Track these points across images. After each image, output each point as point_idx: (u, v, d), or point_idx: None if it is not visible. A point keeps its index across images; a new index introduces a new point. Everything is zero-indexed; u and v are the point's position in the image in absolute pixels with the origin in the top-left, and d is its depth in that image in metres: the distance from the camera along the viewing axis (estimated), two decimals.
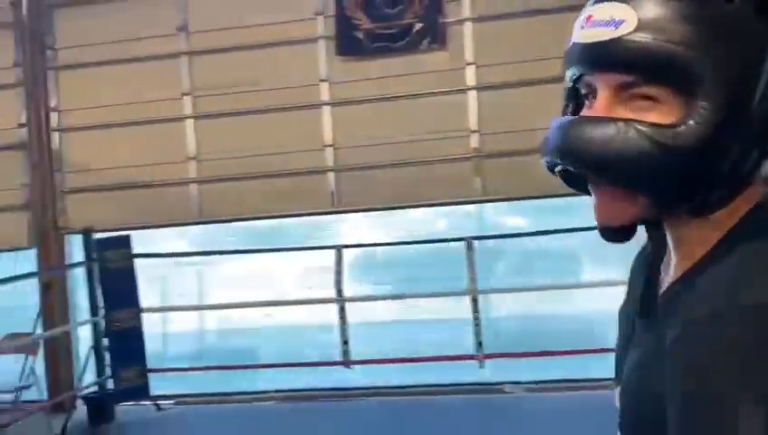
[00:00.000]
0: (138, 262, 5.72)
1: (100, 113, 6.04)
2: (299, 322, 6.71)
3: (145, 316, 5.75)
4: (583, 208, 0.85)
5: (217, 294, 7.34)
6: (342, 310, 5.20)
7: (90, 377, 5.79)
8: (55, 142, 6.15)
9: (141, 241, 5.99)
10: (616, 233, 0.74)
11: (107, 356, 5.68)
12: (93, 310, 5.79)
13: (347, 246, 5.41)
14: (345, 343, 5.18)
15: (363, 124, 5.83)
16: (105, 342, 5.65)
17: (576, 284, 6.30)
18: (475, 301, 5.25)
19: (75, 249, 6.20)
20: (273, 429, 5.13)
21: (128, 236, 5.63)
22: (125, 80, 6.01)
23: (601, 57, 0.71)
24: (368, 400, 5.47)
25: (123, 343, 5.51)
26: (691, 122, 0.67)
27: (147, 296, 5.92)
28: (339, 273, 5.17)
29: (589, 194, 0.75)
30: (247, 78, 5.86)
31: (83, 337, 6.21)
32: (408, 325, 6.47)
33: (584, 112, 0.74)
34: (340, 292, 5.20)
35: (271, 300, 6.26)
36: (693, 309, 0.68)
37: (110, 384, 5.68)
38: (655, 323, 0.76)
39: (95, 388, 5.75)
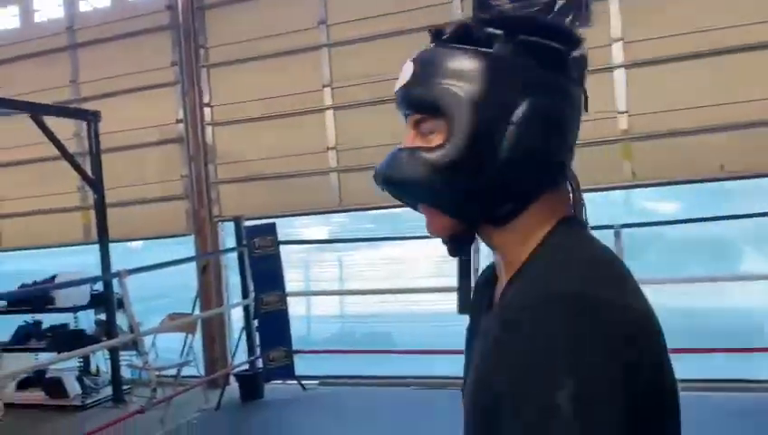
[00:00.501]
0: (283, 248, 5.99)
1: (248, 107, 6.36)
2: (436, 309, 6.70)
3: (289, 300, 6.01)
4: (743, 193, 0.75)
5: (357, 280, 7.52)
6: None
7: (241, 356, 6.16)
8: (209, 136, 6.57)
9: (285, 228, 6.25)
10: (451, 245, 0.87)
11: (256, 337, 6.01)
12: (244, 293, 6.14)
13: None
14: None
15: None
16: (255, 323, 5.97)
17: (736, 275, 5.74)
18: None
19: (228, 236, 6.63)
20: (410, 413, 5.18)
21: (273, 224, 5.90)
22: (269, 74, 6.28)
23: (398, 101, 0.87)
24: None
25: (271, 324, 5.79)
26: (447, 146, 0.80)
27: (291, 281, 6.19)
28: (478, 261, 5.05)
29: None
30: (385, 67, 5.90)
31: (235, 318, 6.63)
32: None
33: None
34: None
35: (409, 287, 6.26)
36: (509, 305, 0.77)
37: (260, 363, 6.01)
38: (479, 329, 0.86)
39: (246, 366, 6.10)
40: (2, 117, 7.30)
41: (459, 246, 0.87)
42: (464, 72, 0.81)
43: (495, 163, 0.79)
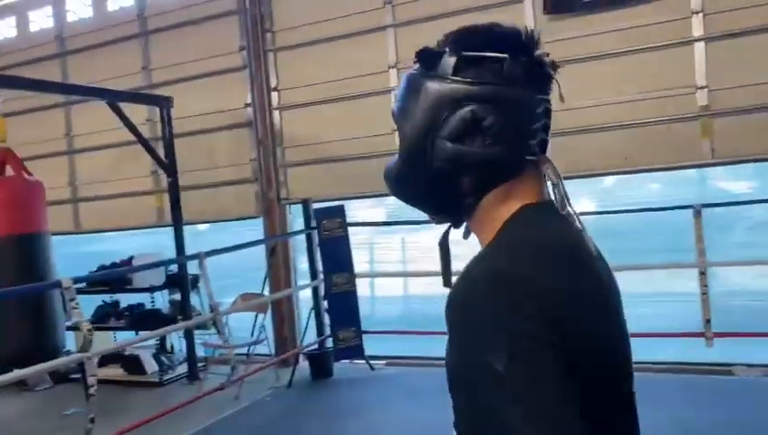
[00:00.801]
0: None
1: (314, 90, 6.41)
2: None
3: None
4: None
5: (419, 262, 7.52)
6: None
7: (310, 335, 6.27)
8: (276, 120, 6.66)
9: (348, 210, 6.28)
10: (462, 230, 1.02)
11: (325, 317, 6.10)
12: (313, 274, 6.23)
13: None
14: None
15: (571, 86, 5.52)
16: (324, 304, 6.06)
17: None
18: (702, 274, 4.79)
19: (294, 218, 6.72)
20: None
21: (342, 206, 5.95)
22: (335, 56, 6.30)
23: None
24: None
25: (340, 305, 5.87)
26: (398, 159, 0.98)
27: (356, 263, 6.24)
28: None
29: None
30: None
31: (303, 298, 6.74)
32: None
33: None
34: None
35: None
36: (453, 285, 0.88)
37: (329, 343, 6.10)
38: None
39: (315, 346, 6.21)
40: (79, 104, 7.60)
41: (467, 230, 1.01)
42: (409, 101, 0.96)
43: (429, 172, 0.94)
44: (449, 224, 1.01)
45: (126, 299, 7.00)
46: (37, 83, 5.50)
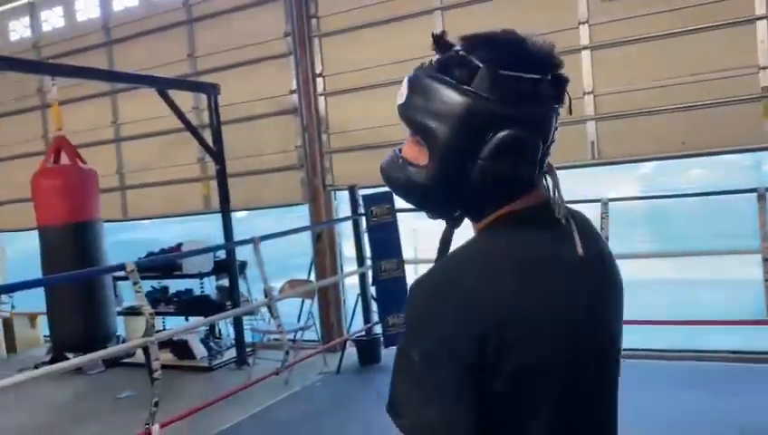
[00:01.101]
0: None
1: (359, 76, 6.36)
2: None
3: None
4: None
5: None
6: None
7: (357, 322, 6.27)
8: (321, 106, 6.64)
9: None
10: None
11: (372, 303, 6.10)
12: (360, 260, 6.23)
13: (614, 199, 5.08)
14: None
15: (626, 68, 5.40)
16: (371, 290, 6.05)
17: None
18: (766, 260, 4.65)
19: (339, 204, 6.72)
20: None
21: (391, 193, 5.89)
22: (380, 41, 6.24)
23: (399, 116, 1.02)
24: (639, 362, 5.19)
25: (389, 291, 5.85)
26: (422, 164, 0.98)
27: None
28: (605, 228, 4.89)
29: None
30: (503, 26, 5.73)
31: (348, 285, 6.75)
32: (678, 285, 5.96)
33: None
34: None
35: None
36: None
37: (377, 329, 6.10)
38: None
39: (363, 332, 6.21)
40: (124, 93, 7.69)
41: (453, 224, 1.07)
42: (442, 113, 0.95)
43: (465, 190, 0.97)
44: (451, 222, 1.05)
45: (174, 285, 7.10)
46: (92, 72, 5.57)
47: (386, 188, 5.83)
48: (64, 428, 5.20)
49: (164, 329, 6.40)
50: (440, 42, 1.01)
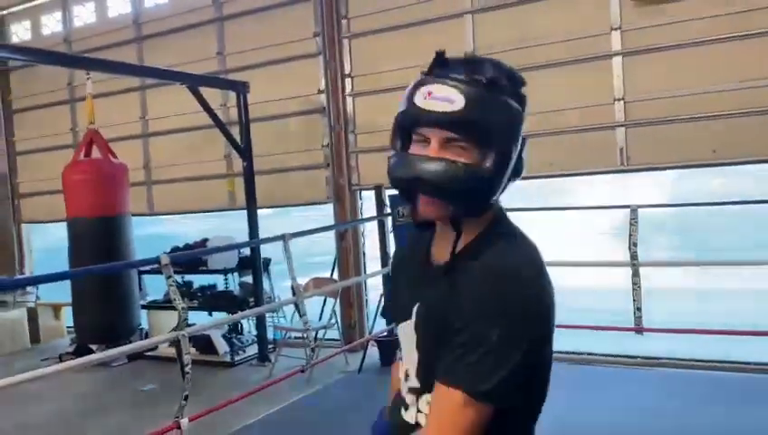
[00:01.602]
0: None
1: (387, 77, 6.36)
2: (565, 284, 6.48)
3: None
4: None
5: None
6: (636, 274, 4.91)
7: (380, 321, 6.28)
8: (349, 106, 6.66)
9: None
10: (425, 225, 1.27)
11: None
12: (384, 261, 6.23)
13: (643, 206, 5.05)
14: (638, 309, 4.90)
15: (658, 75, 5.37)
16: None
17: None
18: None
19: (364, 203, 6.74)
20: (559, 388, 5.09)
21: None
22: (410, 43, 6.24)
23: (441, 121, 1.14)
24: (661, 370, 5.16)
25: None
26: (487, 165, 1.15)
27: None
28: (634, 235, 4.86)
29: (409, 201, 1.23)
30: (531, 32, 5.73)
31: (370, 284, 6.76)
32: (705, 295, 5.91)
33: (420, 152, 1.18)
34: (635, 255, 4.89)
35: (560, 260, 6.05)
36: (481, 267, 1.16)
37: None
38: (445, 276, 1.21)
39: (385, 332, 6.22)
40: (153, 88, 7.77)
41: (427, 226, 1.29)
42: (507, 122, 1.17)
43: (505, 179, 1.19)
44: (447, 218, 1.21)
45: (198, 280, 7.15)
46: (128, 67, 5.63)
47: None
48: (89, 419, 5.26)
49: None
50: (442, 59, 1.20)
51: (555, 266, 5.88)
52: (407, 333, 1.30)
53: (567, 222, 6.71)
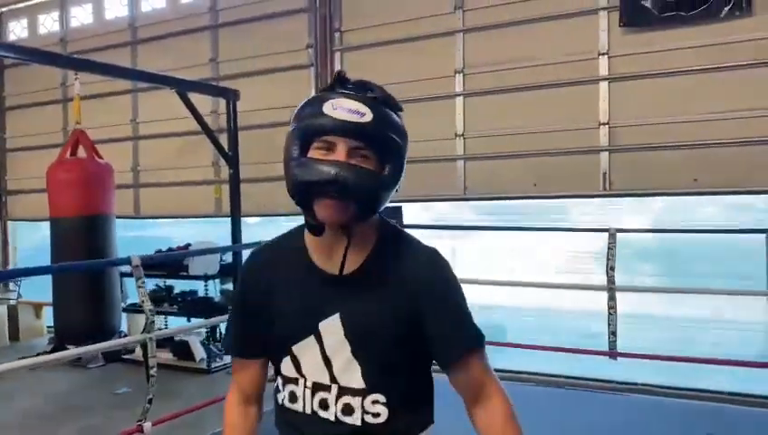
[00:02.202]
0: None
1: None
2: (542, 305, 6.48)
3: None
4: None
5: (471, 269, 7.40)
6: (613, 299, 4.92)
7: None
8: None
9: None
10: (322, 228, 1.30)
11: None
12: None
13: (621, 230, 5.08)
14: (613, 333, 4.91)
15: (643, 102, 5.42)
16: None
17: None
18: None
19: None
20: (529, 410, 5.07)
21: (400, 207, 5.94)
22: (401, 59, 6.30)
23: (353, 130, 1.26)
24: (631, 396, 5.16)
25: None
26: (387, 171, 1.30)
27: None
28: (612, 259, 4.88)
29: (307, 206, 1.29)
30: (520, 53, 5.79)
31: None
32: (677, 321, 5.91)
33: (325, 158, 1.26)
34: (612, 279, 4.91)
35: (534, 281, 6.07)
36: (419, 268, 1.36)
37: None
38: (365, 280, 1.34)
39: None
40: (145, 92, 7.79)
41: (320, 229, 1.30)
42: (401, 134, 1.33)
43: (397, 186, 1.33)
44: (348, 222, 1.29)
45: (179, 285, 7.13)
46: (116, 69, 5.65)
47: (396, 203, 5.83)
48: (59, 419, 5.21)
49: (166, 328, 6.43)
50: (343, 78, 1.35)
51: (532, 288, 5.82)
52: (330, 345, 1.35)
53: (560, 243, 6.71)
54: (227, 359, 6.56)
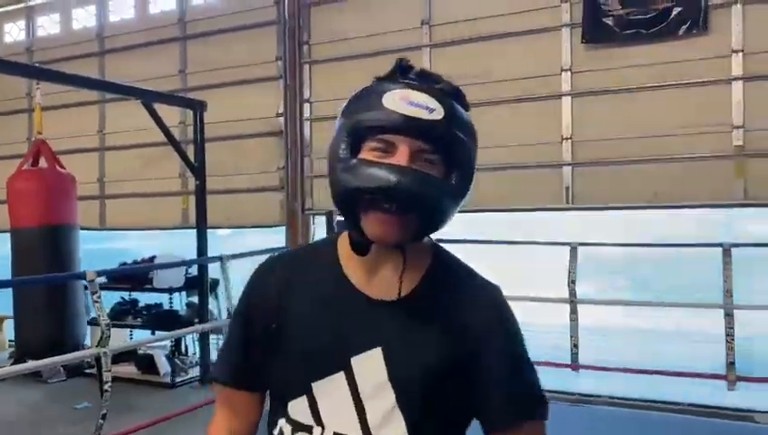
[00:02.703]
0: None
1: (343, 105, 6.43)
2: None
3: None
4: None
5: None
6: (574, 311, 4.97)
7: None
8: (306, 131, 6.70)
9: None
10: (364, 250, 1.04)
11: None
12: None
13: (583, 244, 5.15)
14: (575, 346, 4.95)
15: (604, 117, 5.52)
16: None
17: None
18: (729, 316, 4.70)
19: (318, 229, 6.74)
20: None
21: None
22: (369, 73, 6.30)
23: (417, 129, 1.00)
24: (596, 407, 5.19)
25: None
26: (455, 180, 1.04)
27: None
28: (573, 272, 4.94)
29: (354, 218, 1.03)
30: (485, 69, 5.86)
31: None
32: (643, 334, 6.00)
33: (381, 160, 1.01)
34: (573, 292, 4.96)
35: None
36: (482, 306, 1.10)
37: None
38: (403, 314, 1.06)
39: None
40: (113, 103, 7.72)
41: (366, 247, 1.04)
42: (474, 140, 1.07)
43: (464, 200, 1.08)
44: (406, 241, 1.05)
45: (144, 299, 7.03)
46: (80, 79, 5.57)
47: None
48: (18, 434, 5.10)
49: (131, 340, 6.34)
50: (406, 66, 1.10)
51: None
52: (366, 388, 1.04)
53: (538, 256, 6.76)
54: (193, 372, 6.49)
